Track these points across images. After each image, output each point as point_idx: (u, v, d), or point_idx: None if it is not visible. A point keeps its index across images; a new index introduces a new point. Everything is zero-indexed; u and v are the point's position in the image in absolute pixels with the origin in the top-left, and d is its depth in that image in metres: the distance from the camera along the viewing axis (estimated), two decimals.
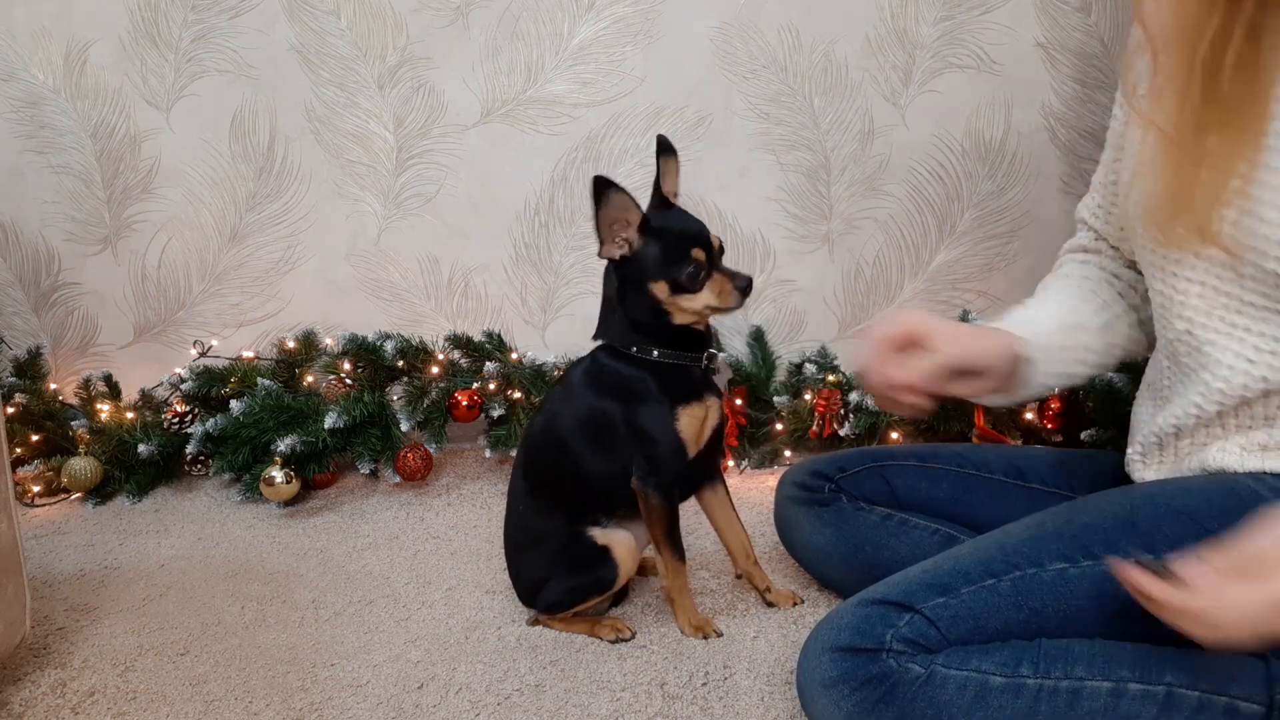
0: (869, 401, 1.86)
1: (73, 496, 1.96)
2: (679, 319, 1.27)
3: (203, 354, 2.06)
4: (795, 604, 1.41)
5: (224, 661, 1.32)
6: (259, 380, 1.93)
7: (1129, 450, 1.23)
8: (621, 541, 1.32)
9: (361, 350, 1.99)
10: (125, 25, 1.99)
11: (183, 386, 1.98)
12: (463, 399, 1.92)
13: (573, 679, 1.24)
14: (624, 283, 1.27)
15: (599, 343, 1.34)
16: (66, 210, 2.11)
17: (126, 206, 2.10)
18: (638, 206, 1.22)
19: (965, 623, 0.98)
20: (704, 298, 1.24)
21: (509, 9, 1.95)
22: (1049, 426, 1.91)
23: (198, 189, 2.08)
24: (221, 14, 1.98)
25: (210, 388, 1.97)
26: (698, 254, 1.23)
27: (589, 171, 2.03)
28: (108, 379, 2.09)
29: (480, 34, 1.97)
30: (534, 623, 1.39)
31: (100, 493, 1.93)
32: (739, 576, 1.47)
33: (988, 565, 1.02)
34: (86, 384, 2.08)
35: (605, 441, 1.29)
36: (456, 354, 2.02)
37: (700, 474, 1.38)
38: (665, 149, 1.29)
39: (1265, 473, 1.04)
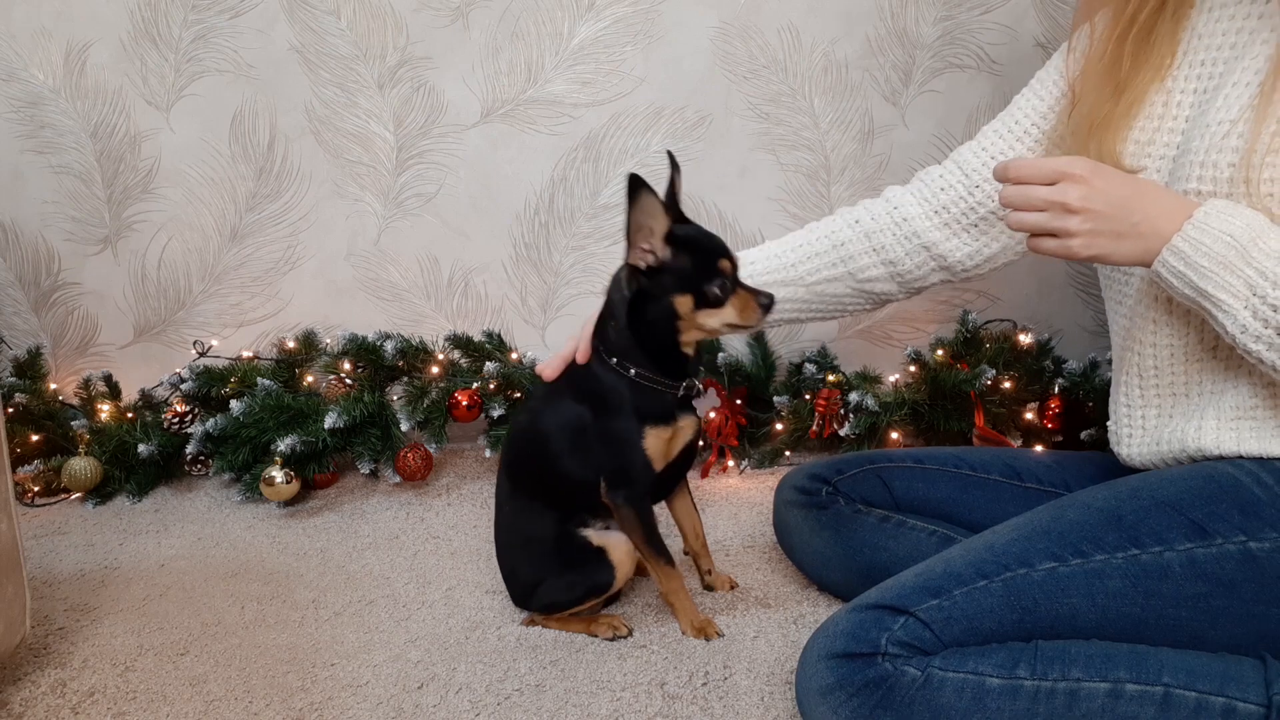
0: (869, 401, 1.86)
1: (73, 496, 1.96)
2: (688, 336, 1.24)
3: (202, 354, 2.07)
4: (732, 588, 1.47)
5: (224, 661, 1.32)
6: (259, 380, 1.93)
7: (1109, 425, 1.26)
8: (618, 543, 1.31)
9: (361, 350, 1.99)
10: (125, 25, 1.99)
11: (183, 386, 1.98)
12: (463, 399, 1.92)
13: (573, 679, 1.24)
14: (641, 294, 1.22)
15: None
16: (66, 210, 2.11)
17: (126, 206, 2.10)
18: (666, 215, 1.17)
19: (959, 624, 0.98)
20: (726, 314, 1.20)
21: (509, 9, 1.95)
22: (1049, 426, 1.91)
23: (198, 189, 2.09)
24: (221, 14, 1.98)
25: (210, 388, 1.97)
26: (725, 265, 1.20)
27: (589, 171, 2.03)
28: (108, 379, 2.09)
29: (480, 34, 1.97)
30: (529, 623, 1.39)
31: (100, 493, 1.94)
32: (685, 554, 1.48)
33: (978, 566, 1.02)
34: (86, 384, 2.08)
35: (581, 446, 1.28)
36: (456, 354, 2.03)
37: (674, 480, 1.38)
38: (675, 166, 1.27)
39: (1242, 456, 1.06)
